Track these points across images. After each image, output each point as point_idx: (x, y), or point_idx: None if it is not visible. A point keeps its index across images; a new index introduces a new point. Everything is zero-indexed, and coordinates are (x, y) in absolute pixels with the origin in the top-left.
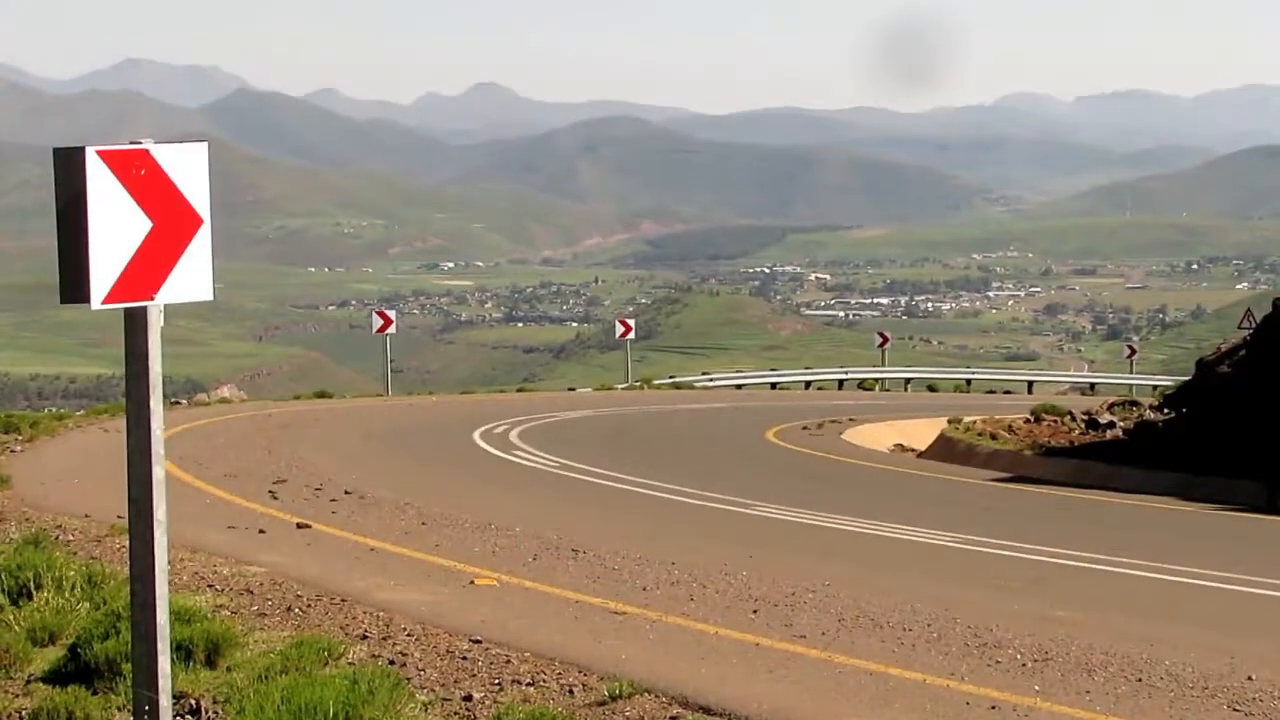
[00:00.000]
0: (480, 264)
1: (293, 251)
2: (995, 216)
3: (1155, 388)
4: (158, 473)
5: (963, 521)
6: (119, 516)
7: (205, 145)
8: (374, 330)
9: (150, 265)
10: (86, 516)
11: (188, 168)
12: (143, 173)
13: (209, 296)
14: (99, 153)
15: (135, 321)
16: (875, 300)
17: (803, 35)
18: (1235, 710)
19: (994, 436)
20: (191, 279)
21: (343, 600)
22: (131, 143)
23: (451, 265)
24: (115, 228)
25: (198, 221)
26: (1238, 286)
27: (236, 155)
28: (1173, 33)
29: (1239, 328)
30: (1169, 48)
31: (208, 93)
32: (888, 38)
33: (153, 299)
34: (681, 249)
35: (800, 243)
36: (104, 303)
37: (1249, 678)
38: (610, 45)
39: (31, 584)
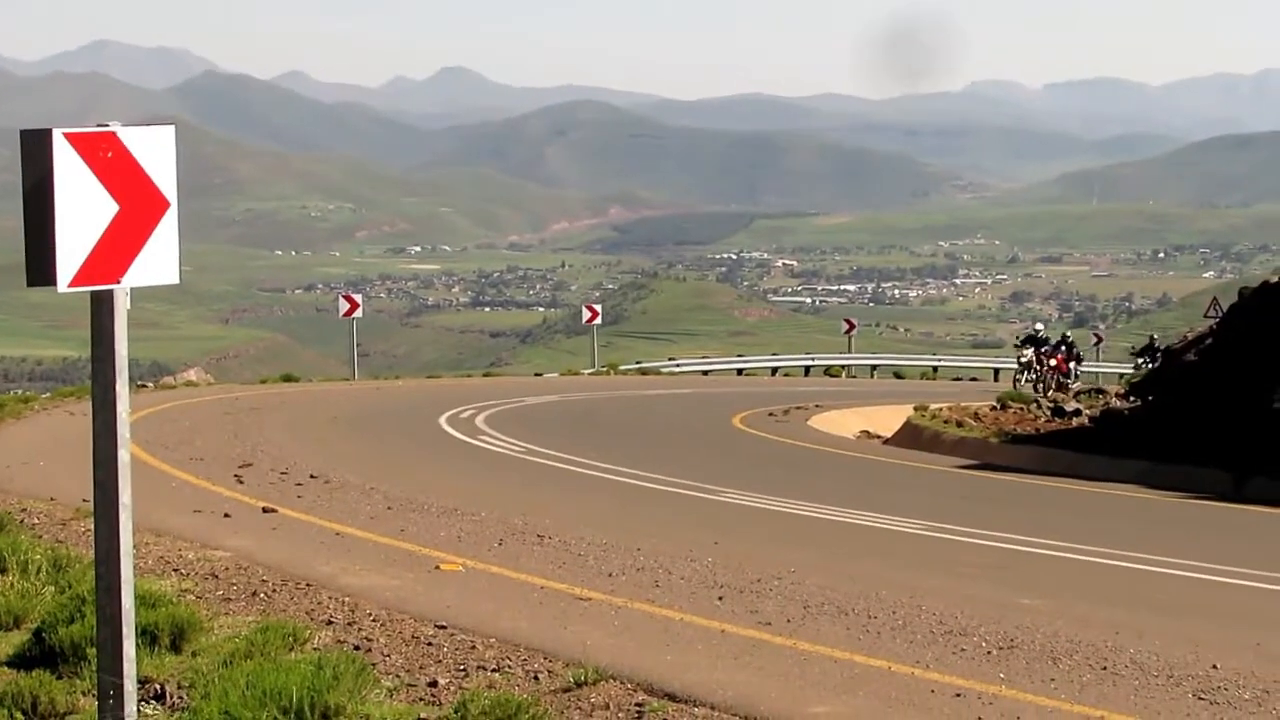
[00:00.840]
0: (447, 248)
1: (260, 234)
2: (963, 204)
3: (1121, 376)
4: (123, 456)
5: (928, 509)
6: (84, 500)
7: (172, 128)
8: (340, 314)
9: (117, 248)
10: (52, 500)
11: (155, 151)
12: (110, 155)
13: (175, 280)
14: (66, 135)
15: (101, 304)
16: (842, 287)
17: (772, 22)
18: (1200, 698)
19: (960, 424)
20: (158, 262)
21: (308, 585)
22: (99, 125)
23: (418, 249)
24: (82, 210)
25: (164, 204)
26: (1204, 275)
27: (205, 138)
28: (1142, 21)
29: (1205, 316)
30: (1138, 36)
31: (176, 75)
32: (860, 26)
33: (119, 282)
34: (649, 235)
35: (767, 229)
36: (70, 285)
37: (1214, 666)
38: (579, 30)
39: None
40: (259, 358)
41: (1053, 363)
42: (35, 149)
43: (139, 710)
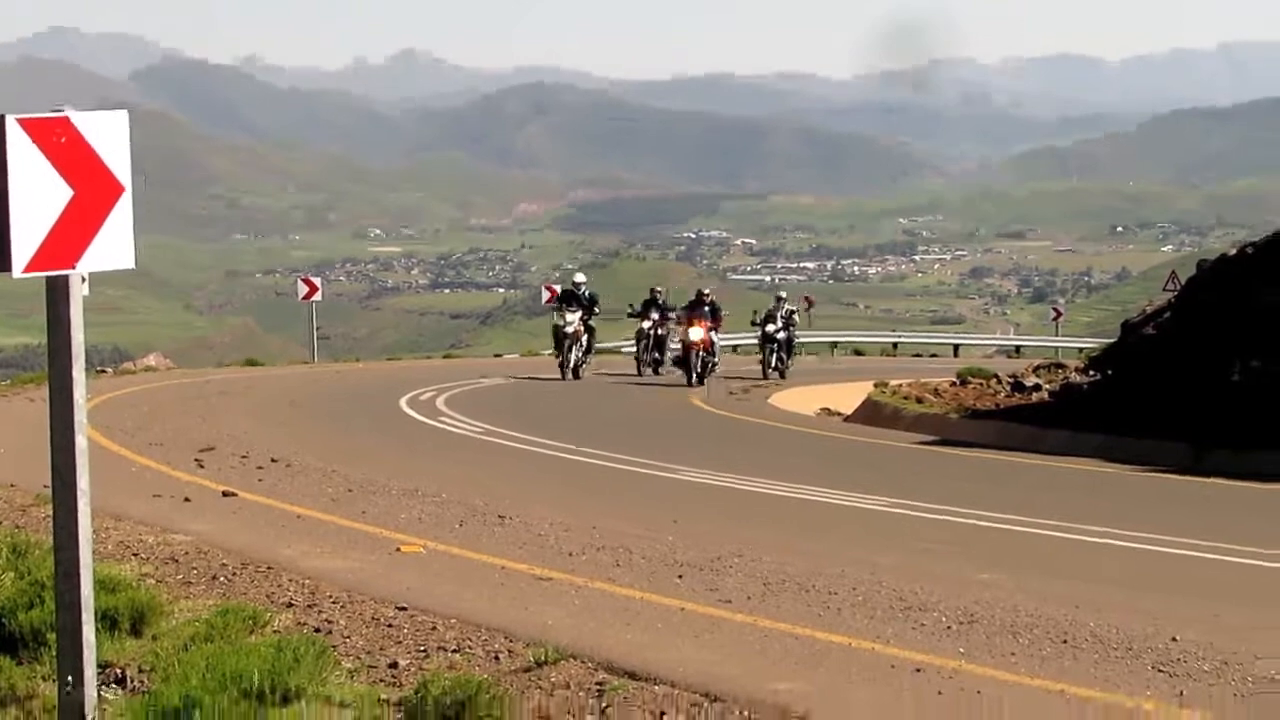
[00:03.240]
0: (409, 231)
1: (218, 219)
2: (922, 180)
3: (1081, 350)
4: (80, 442)
5: (888, 485)
6: (44, 486)
7: (125, 113)
8: (299, 298)
9: (72, 233)
10: (12, 486)
11: (109, 135)
12: (63, 140)
13: (131, 264)
14: (19, 120)
15: (57, 289)
16: (801, 265)
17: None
18: (1160, 671)
19: (920, 400)
20: (113, 247)
21: (268, 568)
22: (52, 110)
23: (379, 232)
24: (36, 196)
25: (119, 189)
26: (1163, 249)
27: (164, 123)
28: None
29: (1164, 289)
30: (1095, 12)
31: (135, 60)
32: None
33: (74, 267)
34: (619, 216)
35: (733, 209)
36: (25, 271)
37: (1173, 638)
38: (547, 10)
39: None
40: (219, 342)
41: (693, 334)
42: None
43: (99, 694)
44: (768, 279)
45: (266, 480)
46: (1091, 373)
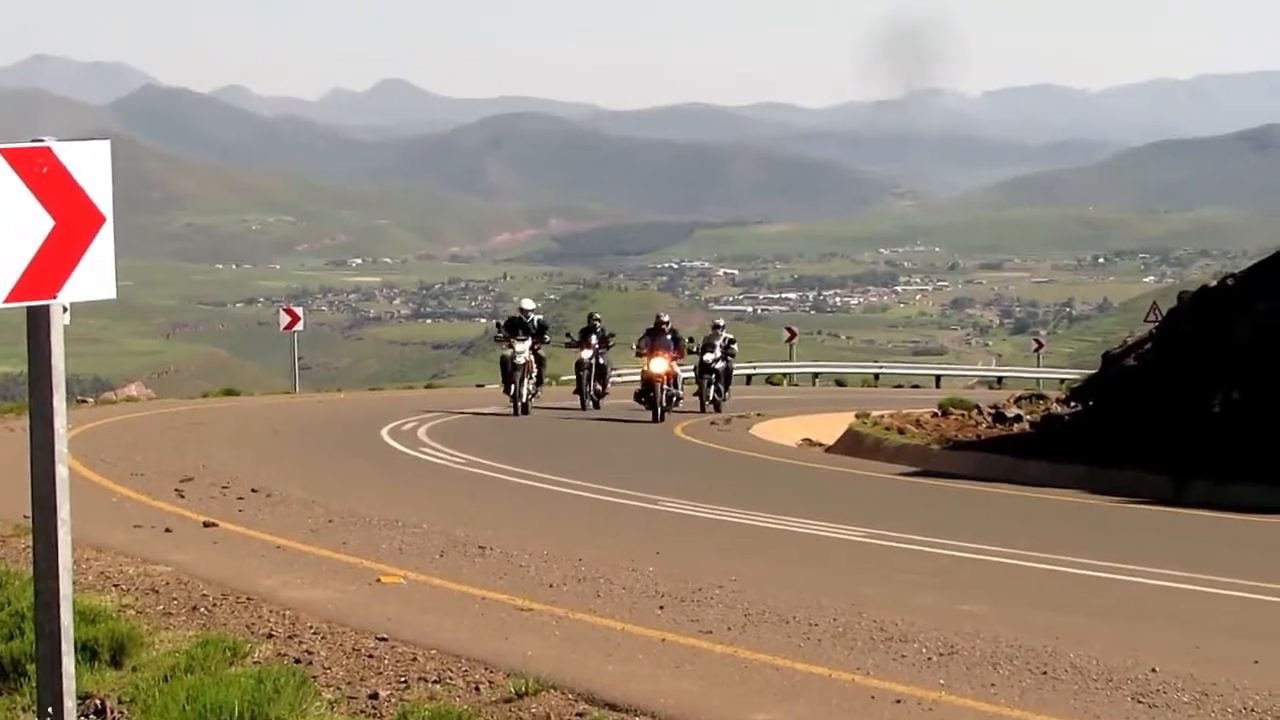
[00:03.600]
0: (388, 260)
1: (200, 248)
2: (903, 211)
3: (1062, 381)
4: (61, 471)
5: (870, 516)
6: (24, 516)
7: (108, 143)
8: (281, 327)
9: (53, 263)
10: None
11: (91, 165)
12: (45, 170)
13: (112, 295)
14: (1, 150)
15: (38, 320)
16: (783, 295)
17: (710, 31)
18: (1139, 702)
19: (901, 431)
20: (94, 277)
21: (249, 599)
22: (34, 140)
23: (359, 262)
24: (17, 226)
25: (100, 219)
26: (1144, 280)
27: (144, 152)
28: (1079, 27)
29: (1145, 321)
30: (1075, 42)
31: (115, 89)
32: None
33: (55, 297)
34: (590, 245)
35: (709, 239)
36: (6, 301)
37: (1153, 669)
38: (517, 40)
39: None
40: (200, 372)
41: (655, 366)
42: None
43: None
44: (749, 309)
45: (247, 511)
46: (1073, 404)
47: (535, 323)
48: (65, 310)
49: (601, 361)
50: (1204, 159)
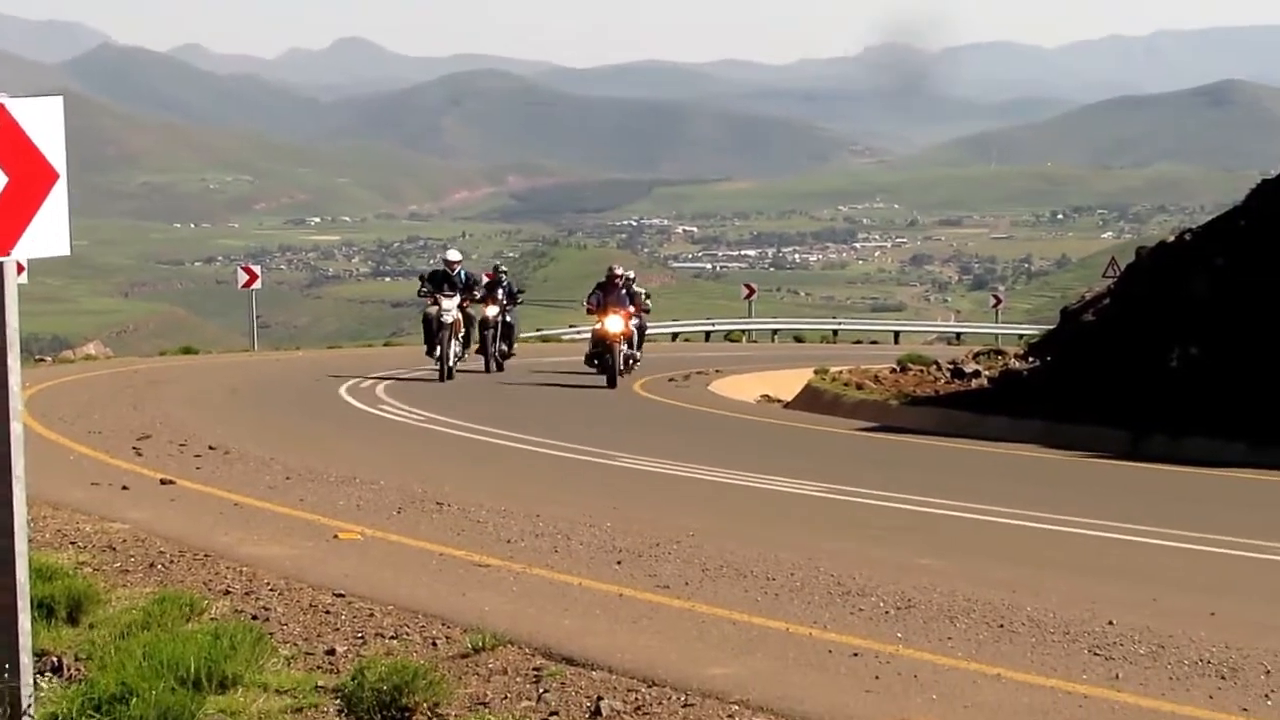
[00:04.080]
0: (347, 219)
1: (158, 207)
2: (862, 168)
3: (1021, 336)
4: (16, 428)
5: (828, 471)
6: None
7: (60, 99)
8: (239, 286)
9: (5, 220)
10: None
11: (43, 122)
12: None
13: (66, 251)
14: None
15: None
16: (742, 252)
17: None
18: (1095, 654)
19: (860, 386)
20: (48, 233)
21: (206, 556)
22: None
23: (318, 221)
24: None
25: (54, 176)
26: (1102, 235)
27: (101, 111)
28: None
29: (1103, 276)
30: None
31: (70, 48)
32: None
33: (9, 254)
34: (548, 203)
35: (667, 196)
36: None
37: (1109, 622)
38: None
39: None
40: (159, 331)
41: (610, 324)
42: None
43: (36, 682)
44: (709, 266)
45: (205, 468)
46: (1031, 359)
47: (462, 276)
48: (22, 269)
49: (509, 319)
50: (1161, 115)
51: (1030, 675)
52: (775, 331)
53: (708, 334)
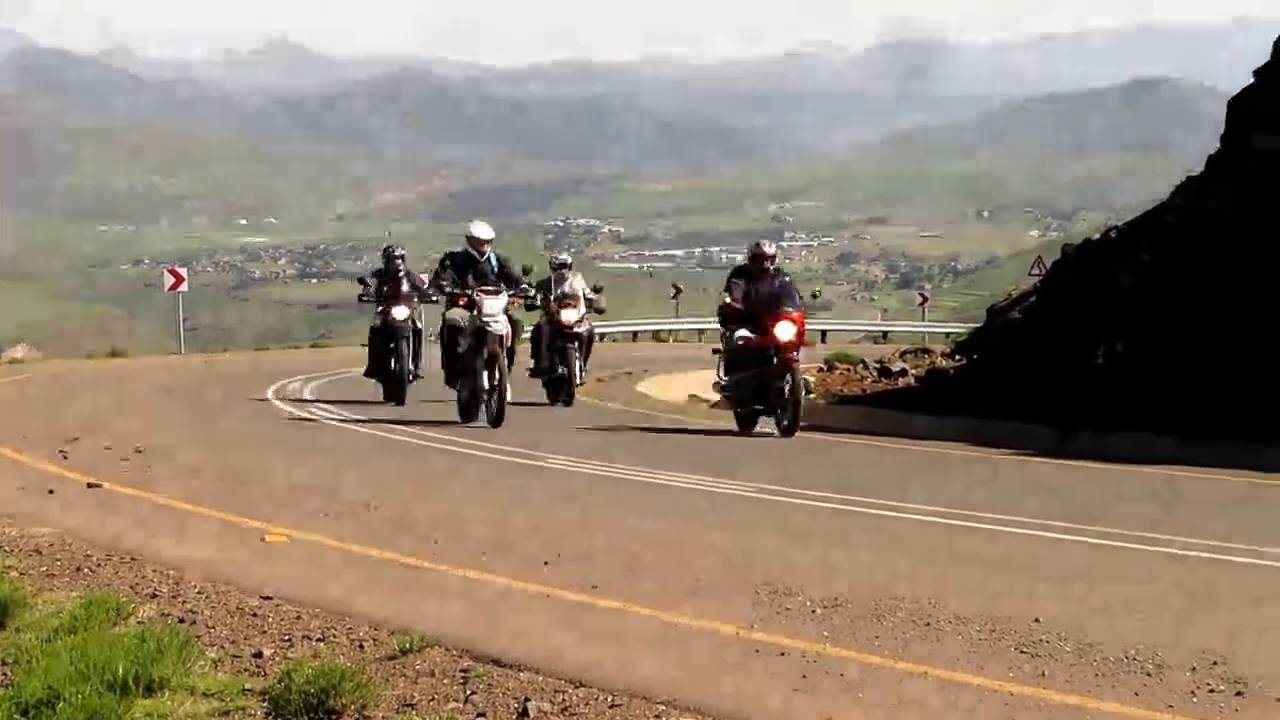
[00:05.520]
0: (275, 221)
1: (86, 209)
2: (789, 168)
3: (947, 335)
4: None
5: (755, 470)
6: None
7: None
8: (166, 289)
9: None
10: None
11: None
12: None
13: None
14: None
15: None
16: (669, 252)
17: None
18: (1022, 652)
19: None
20: None
21: (133, 559)
22: None
23: (245, 223)
24: None
25: None
26: (1030, 233)
27: (26, 112)
28: None
29: (1030, 274)
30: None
31: None
32: None
33: None
34: (477, 203)
35: (595, 194)
36: None
37: (1036, 620)
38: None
39: None
40: (88, 333)
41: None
42: None
43: None
44: (636, 266)
45: (132, 471)
46: (958, 358)
47: (494, 262)
48: None
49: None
50: (1088, 112)
51: (957, 673)
52: (702, 331)
53: (634, 334)
